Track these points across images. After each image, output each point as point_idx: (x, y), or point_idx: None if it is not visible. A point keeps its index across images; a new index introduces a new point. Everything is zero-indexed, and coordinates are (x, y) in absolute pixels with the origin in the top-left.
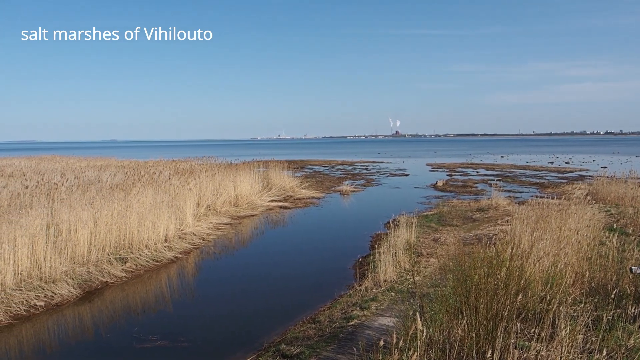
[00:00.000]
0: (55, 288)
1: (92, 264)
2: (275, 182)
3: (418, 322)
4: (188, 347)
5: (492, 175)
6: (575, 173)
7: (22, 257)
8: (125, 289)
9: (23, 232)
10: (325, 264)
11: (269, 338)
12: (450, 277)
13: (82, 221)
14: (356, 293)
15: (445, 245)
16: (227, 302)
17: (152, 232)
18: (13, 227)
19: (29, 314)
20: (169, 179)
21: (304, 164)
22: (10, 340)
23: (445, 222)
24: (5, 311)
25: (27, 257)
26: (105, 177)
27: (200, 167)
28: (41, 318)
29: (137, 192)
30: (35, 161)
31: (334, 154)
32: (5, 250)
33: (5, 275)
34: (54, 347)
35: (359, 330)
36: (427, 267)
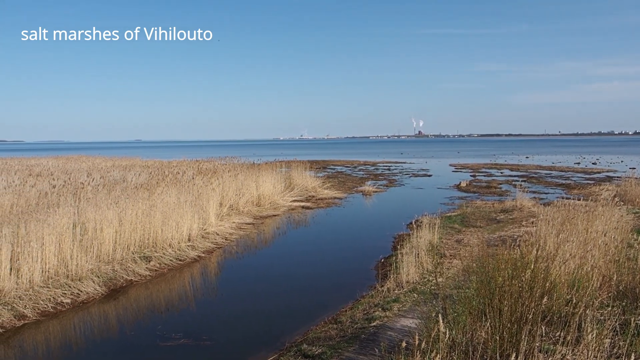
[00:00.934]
0: (81, 286)
1: (117, 262)
2: (298, 182)
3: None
4: (211, 346)
5: (516, 176)
6: (602, 174)
7: (49, 255)
8: (150, 287)
9: (51, 231)
10: (347, 264)
11: (291, 338)
12: (474, 278)
13: (108, 220)
14: (378, 294)
15: (468, 246)
16: (249, 301)
17: (176, 231)
18: (41, 225)
19: (56, 311)
20: (192, 179)
21: (326, 164)
22: (37, 336)
23: (469, 223)
24: (33, 308)
25: (54, 255)
26: (130, 177)
27: (223, 167)
28: (68, 315)
29: (161, 191)
30: (62, 161)
31: (356, 154)
32: (34, 248)
33: (33, 273)
34: (80, 343)
35: (381, 331)
36: (450, 268)
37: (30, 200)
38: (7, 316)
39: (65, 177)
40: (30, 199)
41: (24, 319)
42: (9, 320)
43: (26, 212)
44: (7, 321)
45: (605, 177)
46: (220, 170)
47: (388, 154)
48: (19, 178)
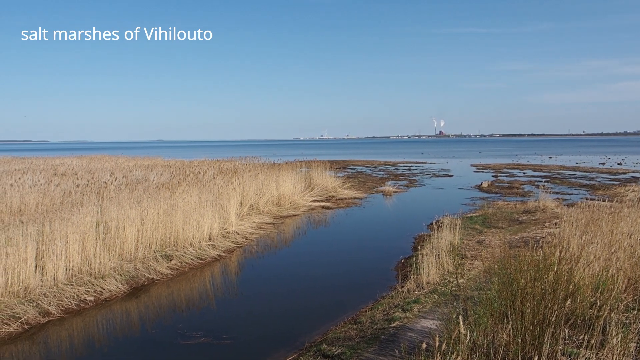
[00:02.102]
0: (104, 284)
1: (139, 260)
2: (318, 182)
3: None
4: (231, 345)
5: (539, 176)
6: (628, 175)
7: (73, 253)
8: (171, 285)
9: (74, 229)
10: (367, 265)
11: (310, 337)
12: (495, 280)
13: (130, 219)
14: (398, 294)
15: (490, 247)
16: (269, 301)
17: (197, 230)
18: (65, 224)
19: (80, 308)
20: (213, 179)
21: (346, 164)
22: (61, 333)
23: (490, 224)
24: (58, 305)
25: (78, 254)
26: (152, 177)
27: (243, 167)
28: (91, 312)
29: (182, 191)
30: (86, 160)
31: (376, 154)
32: (58, 247)
33: (57, 271)
34: (102, 341)
35: (401, 332)
36: (471, 269)
37: (54, 199)
38: (32, 313)
39: (88, 176)
40: (54, 198)
41: (48, 316)
42: (34, 317)
43: (51, 210)
44: (32, 318)
45: (631, 177)
46: (241, 170)
47: (408, 154)
48: (44, 177)
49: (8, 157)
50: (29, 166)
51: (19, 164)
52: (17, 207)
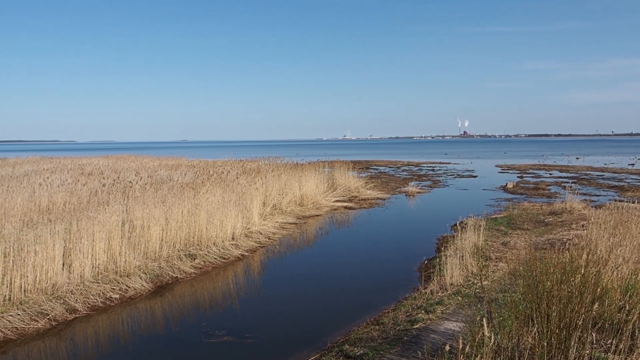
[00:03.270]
0: (129, 282)
1: (163, 259)
2: (340, 182)
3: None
4: (253, 344)
5: (566, 177)
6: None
7: (99, 252)
8: (194, 284)
9: (100, 228)
10: (390, 266)
11: (333, 338)
12: (521, 282)
13: (155, 218)
14: (421, 296)
15: (515, 249)
16: (291, 301)
17: (220, 230)
18: (92, 222)
19: (105, 306)
20: (236, 179)
21: (369, 165)
22: (88, 330)
23: (516, 225)
24: (84, 302)
25: (104, 252)
26: (176, 176)
27: (266, 167)
28: (116, 310)
29: (206, 191)
30: (112, 160)
31: (399, 155)
32: (85, 245)
33: (84, 268)
34: (127, 338)
35: (424, 333)
36: (496, 271)
37: (81, 198)
38: (59, 310)
39: (114, 176)
40: (81, 197)
41: (75, 313)
42: (61, 313)
43: (78, 209)
44: (60, 314)
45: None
46: (264, 170)
47: (432, 155)
48: (72, 177)
49: (37, 157)
50: (57, 166)
51: (47, 164)
52: (45, 206)
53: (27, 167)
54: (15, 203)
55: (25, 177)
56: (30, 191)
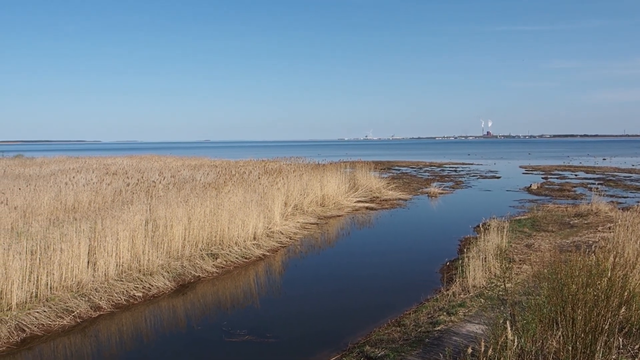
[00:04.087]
0: (152, 280)
1: (185, 258)
2: (362, 182)
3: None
4: (274, 344)
5: (592, 178)
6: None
7: (123, 250)
8: (216, 283)
9: (125, 227)
10: (411, 267)
11: (354, 339)
12: (545, 285)
13: (177, 218)
14: (443, 298)
15: (539, 251)
16: (312, 301)
17: (242, 229)
18: (116, 221)
19: (129, 304)
20: (258, 179)
21: (390, 165)
22: (112, 327)
23: (540, 227)
24: (108, 300)
25: (127, 250)
26: (198, 176)
27: (288, 167)
28: (139, 308)
29: (228, 190)
30: (136, 160)
31: (421, 155)
32: (109, 243)
33: (108, 266)
34: (150, 336)
35: (446, 335)
36: (519, 274)
37: (106, 198)
38: (84, 307)
39: (138, 175)
40: (106, 196)
41: (99, 310)
42: (86, 311)
43: (102, 208)
44: (84, 312)
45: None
46: (286, 170)
47: (455, 155)
48: (97, 176)
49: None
50: (83, 165)
51: (73, 163)
52: (71, 205)
53: (54, 166)
54: (42, 202)
55: (51, 177)
56: (56, 190)
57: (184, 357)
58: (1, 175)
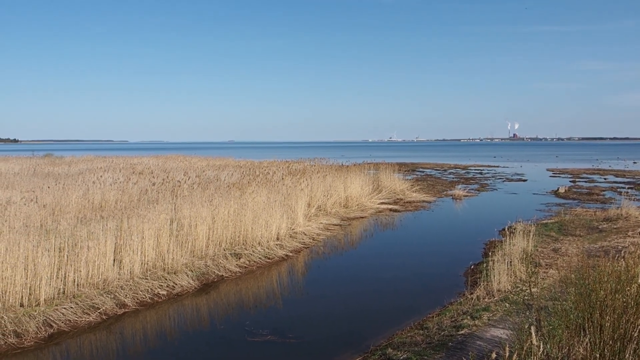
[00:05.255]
0: (176, 279)
1: (209, 258)
2: (386, 184)
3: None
4: (297, 344)
5: (622, 182)
6: None
7: (148, 249)
8: (239, 283)
9: (150, 226)
10: (435, 269)
11: (376, 341)
12: (572, 290)
13: (202, 217)
14: (467, 301)
15: (566, 256)
16: (335, 302)
17: (265, 230)
18: (141, 220)
19: (153, 302)
20: (282, 179)
21: (415, 167)
22: (136, 325)
23: (567, 231)
24: (133, 297)
25: (152, 249)
26: (223, 176)
27: (312, 168)
28: (163, 306)
29: (252, 191)
30: (162, 160)
31: (446, 157)
32: (135, 242)
33: (133, 265)
34: (173, 333)
35: (469, 340)
36: (546, 278)
37: (132, 197)
38: (110, 304)
39: (164, 175)
40: (132, 195)
41: (124, 308)
42: (112, 308)
43: (128, 207)
44: (110, 309)
45: None
46: (309, 171)
47: (480, 157)
48: (123, 175)
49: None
50: (110, 165)
51: (101, 163)
52: (98, 204)
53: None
54: (70, 200)
55: (79, 176)
56: (84, 189)
57: (207, 355)
58: (31, 173)
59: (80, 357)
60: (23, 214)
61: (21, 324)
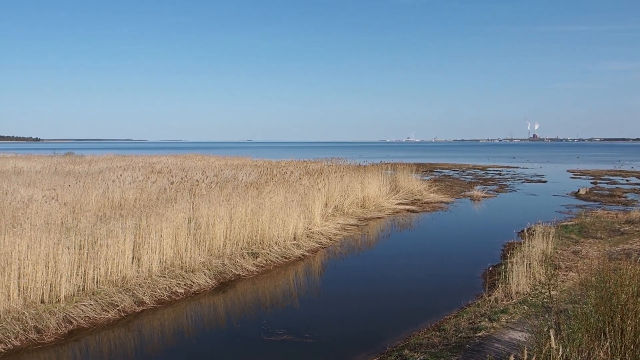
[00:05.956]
0: (193, 277)
1: (226, 257)
2: (403, 184)
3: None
4: (313, 344)
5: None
6: None
7: (166, 247)
8: (256, 282)
9: (168, 224)
10: (452, 271)
11: (392, 342)
12: (592, 294)
13: (219, 216)
14: (485, 303)
15: (587, 258)
16: (351, 302)
17: (282, 229)
18: (160, 219)
19: (171, 300)
20: (299, 179)
21: (433, 168)
22: (154, 322)
23: (588, 233)
24: (151, 295)
25: (170, 248)
26: (240, 176)
27: (329, 168)
28: (181, 304)
29: (269, 190)
30: (180, 159)
31: (464, 158)
32: (153, 240)
33: (152, 263)
34: (191, 331)
35: (487, 342)
36: (565, 281)
37: (151, 195)
38: (128, 302)
39: (182, 174)
40: (151, 194)
41: (142, 305)
42: (130, 305)
43: (147, 206)
44: (128, 306)
45: None
46: (327, 171)
47: (499, 158)
48: (142, 174)
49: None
50: (129, 164)
51: (120, 161)
52: (117, 202)
53: (102, 164)
54: (90, 198)
55: (99, 174)
56: (104, 187)
57: (223, 354)
58: (52, 172)
59: (99, 354)
60: (44, 211)
61: (42, 320)
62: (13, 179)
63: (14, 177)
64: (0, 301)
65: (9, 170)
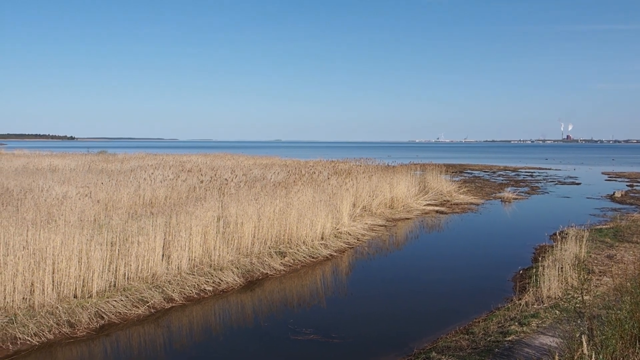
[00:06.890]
0: (222, 275)
1: (254, 255)
2: (432, 185)
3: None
4: (339, 344)
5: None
6: None
7: (195, 245)
8: (283, 281)
9: (197, 223)
10: (482, 273)
11: (420, 344)
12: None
13: (248, 215)
14: (515, 307)
15: (621, 263)
16: (378, 303)
17: (310, 229)
18: (189, 217)
19: (199, 297)
20: (327, 179)
21: (462, 169)
22: (183, 319)
23: (623, 237)
24: (180, 292)
25: (199, 245)
26: (269, 175)
27: (357, 168)
28: (209, 302)
29: (297, 190)
30: (210, 158)
31: (495, 159)
32: (182, 238)
33: (181, 260)
34: (219, 329)
35: (517, 346)
36: (599, 286)
37: (181, 194)
38: (158, 298)
39: (211, 173)
40: (181, 192)
41: (171, 302)
42: (160, 302)
43: (177, 204)
44: (158, 303)
45: None
46: (355, 171)
47: (531, 159)
48: (173, 173)
49: (143, 153)
50: (160, 162)
51: (151, 160)
52: (148, 200)
53: (133, 162)
54: (122, 196)
55: (131, 172)
56: (135, 185)
57: (251, 352)
58: (86, 170)
59: (129, 349)
60: (78, 208)
61: (74, 315)
62: (48, 176)
63: (50, 175)
64: (36, 295)
65: (45, 168)
